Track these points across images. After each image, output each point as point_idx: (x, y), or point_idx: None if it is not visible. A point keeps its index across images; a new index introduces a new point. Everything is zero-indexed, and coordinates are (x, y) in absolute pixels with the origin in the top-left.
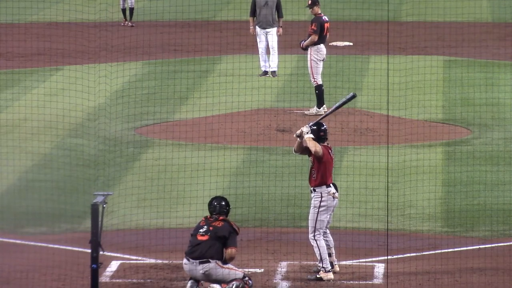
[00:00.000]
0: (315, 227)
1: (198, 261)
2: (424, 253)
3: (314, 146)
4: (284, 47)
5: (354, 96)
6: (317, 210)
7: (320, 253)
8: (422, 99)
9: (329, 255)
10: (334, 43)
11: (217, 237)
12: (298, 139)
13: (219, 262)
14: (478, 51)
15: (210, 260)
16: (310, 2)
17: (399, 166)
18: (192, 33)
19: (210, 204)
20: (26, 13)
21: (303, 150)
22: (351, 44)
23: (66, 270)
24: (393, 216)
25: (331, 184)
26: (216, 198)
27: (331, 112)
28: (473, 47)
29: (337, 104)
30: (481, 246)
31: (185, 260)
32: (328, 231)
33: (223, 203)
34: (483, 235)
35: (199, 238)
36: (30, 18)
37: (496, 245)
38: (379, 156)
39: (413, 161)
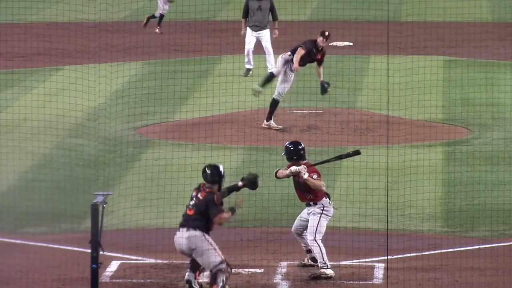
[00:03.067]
0: (316, 231)
1: (185, 228)
2: (424, 253)
3: (321, 186)
4: (284, 47)
5: (358, 153)
6: (319, 216)
7: (321, 253)
8: (422, 99)
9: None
10: (334, 43)
11: (200, 211)
12: (289, 174)
13: (205, 235)
14: (478, 51)
15: (197, 229)
16: (327, 34)
17: (399, 166)
18: (192, 33)
19: (203, 171)
20: (26, 13)
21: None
22: (351, 44)
23: (66, 270)
24: (393, 216)
25: (327, 196)
26: (210, 165)
27: (330, 161)
28: (473, 47)
29: (340, 155)
30: (481, 246)
31: (176, 233)
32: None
33: (214, 171)
34: (483, 235)
35: (188, 212)
36: (30, 18)
37: (496, 245)
38: (379, 156)
39: (413, 161)
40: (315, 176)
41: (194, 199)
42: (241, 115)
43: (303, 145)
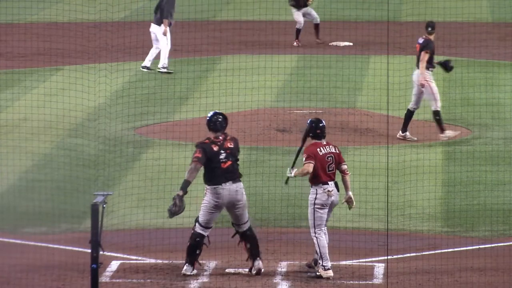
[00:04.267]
0: (314, 223)
1: (230, 181)
2: (424, 253)
3: (302, 174)
4: (284, 47)
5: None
6: (313, 207)
7: (320, 251)
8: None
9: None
10: (334, 43)
11: (235, 158)
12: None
13: None
14: (478, 51)
15: (240, 180)
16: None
17: (399, 166)
18: (192, 33)
19: (213, 121)
20: (26, 13)
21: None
22: (351, 44)
23: (66, 270)
24: (393, 216)
25: (329, 182)
26: (216, 113)
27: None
28: (473, 47)
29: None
30: (481, 246)
31: (220, 187)
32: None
33: (222, 117)
34: (483, 235)
35: (224, 166)
36: (30, 18)
37: (496, 245)
38: (379, 156)
39: (413, 161)
40: (304, 160)
41: (223, 152)
42: (241, 115)
43: (323, 124)
